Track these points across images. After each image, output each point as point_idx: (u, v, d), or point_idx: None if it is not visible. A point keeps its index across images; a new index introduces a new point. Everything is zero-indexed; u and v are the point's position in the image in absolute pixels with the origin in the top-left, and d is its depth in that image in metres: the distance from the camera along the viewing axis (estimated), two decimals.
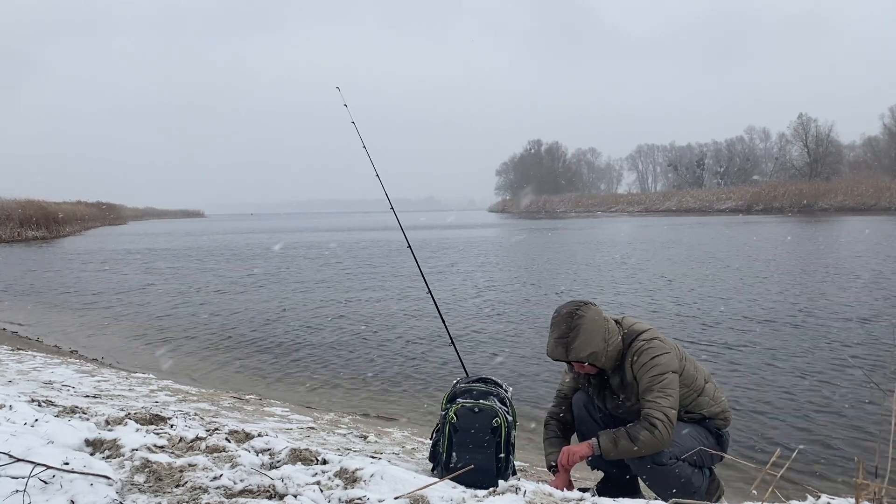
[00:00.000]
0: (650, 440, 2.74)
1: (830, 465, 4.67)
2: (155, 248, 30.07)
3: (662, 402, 2.79)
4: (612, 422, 3.05)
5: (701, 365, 3.14)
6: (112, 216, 68.13)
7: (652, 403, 2.80)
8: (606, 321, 2.92)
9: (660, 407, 2.78)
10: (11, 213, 37.08)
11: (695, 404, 3.00)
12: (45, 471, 2.25)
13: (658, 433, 2.74)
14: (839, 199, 61.25)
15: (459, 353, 3.96)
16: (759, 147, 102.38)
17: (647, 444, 2.75)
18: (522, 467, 3.80)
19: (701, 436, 2.99)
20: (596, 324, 2.87)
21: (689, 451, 2.88)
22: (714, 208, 73.26)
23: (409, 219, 71.82)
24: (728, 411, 3.09)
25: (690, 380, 2.98)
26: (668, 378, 2.84)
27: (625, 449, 2.80)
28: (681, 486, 2.86)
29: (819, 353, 7.67)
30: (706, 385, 3.05)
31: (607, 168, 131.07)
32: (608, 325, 2.92)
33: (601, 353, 2.87)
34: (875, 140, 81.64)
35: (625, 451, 2.81)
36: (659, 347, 2.90)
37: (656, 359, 2.86)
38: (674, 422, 2.79)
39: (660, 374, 2.84)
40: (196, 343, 9.29)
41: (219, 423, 3.65)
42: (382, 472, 2.58)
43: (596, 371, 3.00)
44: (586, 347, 2.84)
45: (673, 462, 2.85)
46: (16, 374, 5.74)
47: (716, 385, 3.12)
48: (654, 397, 2.80)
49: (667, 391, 2.82)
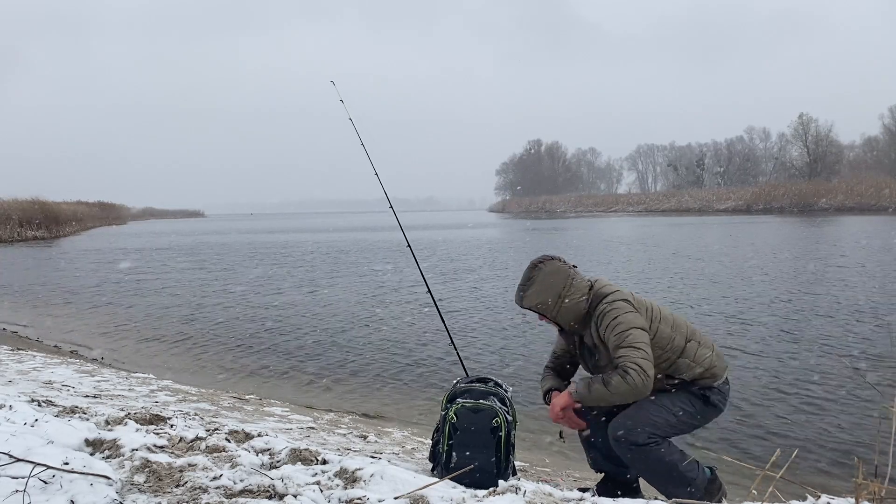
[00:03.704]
0: (622, 385, 2.75)
1: (830, 465, 4.68)
2: (155, 248, 30.06)
3: (633, 355, 2.80)
4: None
5: (685, 322, 3.10)
6: (112, 216, 68.12)
7: (622, 357, 2.81)
8: (570, 279, 2.99)
9: (631, 358, 2.79)
10: (12, 212, 37.10)
11: (674, 368, 2.97)
12: (45, 471, 2.25)
13: (630, 379, 2.74)
14: (839, 199, 61.26)
15: (459, 353, 3.97)
16: (759, 147, 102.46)
17: (619, 389, 2.76)
18: (522, 467, 3.81)
19: (684, 403, 2.95)
20: (553, 277, 2.97)
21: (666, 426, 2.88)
22: (714, 208, 73.24)
23: (409, 219, 71.90)
24: (714, 367, 3.02)
25: (666, 341, 2.95)
26: (633, 333, 2.85)
27: (598, 393, 2.81)
28: (667, 468, 2.84)
29: (819, 352, 7.67)
30: (687, 345, 2.99)
31: (607, 168, 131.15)
32: (571, 282, 2.98)
33: (551, 307, 2.96)
34: (875, 140, 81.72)
35: (599, 396, 2.82)
36: (621, 307, 2.93)
37: (618, 318, 2.89)
38: (649, 373, 2.77)
39: (623, 331, 2.85)
40: (196, 343, 9.29)
41: (219, 423, 3.65)
42: (382, 472, 2.58)
43: (558, 327, 3.07)
44: (535, 298, 2.97)
45: (653, 441, 2.84)
46: (16, 374, 5.74)
47: (701, 341, 3.05)
48: (624, 352, 2.82)
49: (635, 345, 2.82)
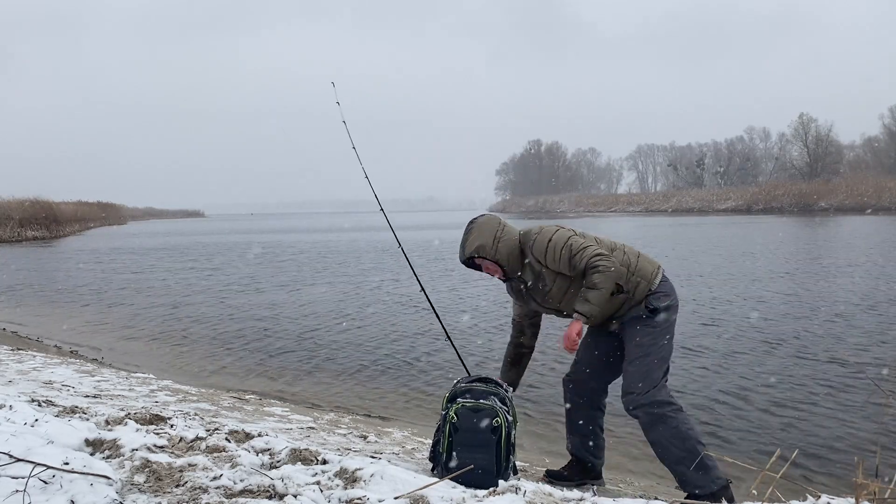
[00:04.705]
0: (603, 277, 3.06)
1: (830, 465, 4.67)
2: (156, 248, 30.07)
3: (587, 252, 3.11)
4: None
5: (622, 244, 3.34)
6: (112, 216, 68.09)
7: (581, 261, 3.11)
8: (502, 225, 3.29)
9: (588, 255, 3.10)
10: (12, 212, 37.08)
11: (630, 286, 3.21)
12: (45, 471, 2.26)
13: (604, 267, 3.06)
14: (839, 198, 61.25)
15: (459, 352, 3.97)
16: (759, 147, 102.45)
17: (604, 282, 3.06)
18: (523, 467, 3.80)
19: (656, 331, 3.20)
20: (487, 224, 3.28)
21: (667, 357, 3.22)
22: (714, 208, 73.23)
23: (409, 219, 71.68)
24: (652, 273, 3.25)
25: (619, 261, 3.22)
26: (571, 241, 3.17)
27: (597, 298, 3.07)
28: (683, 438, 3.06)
29: (819, 352, 7.66)
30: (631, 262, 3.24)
31: (607, 168, 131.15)
32: (503, 227, 3.28)
33: (490, 248, 3.21)
34: (875, 140, 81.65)
35: (597, 300, 3.08)
36: (548, 231, 3.25)
37: (551, 239, 3.20)
38: (608, 254, 3.10)
39: (562, 245, 3.16)
40: (196, 343, 9.29)
41: (219, 423, 3.65)
42: (382, 472, 2.58)
43: (501, 273, 3.30)
44: (475, 243, 3.23)
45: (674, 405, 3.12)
46: (16, 374, 5.74)
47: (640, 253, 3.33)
48: (579, 257, 3.12)
49: (582, 247, 3.13)
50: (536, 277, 3.25)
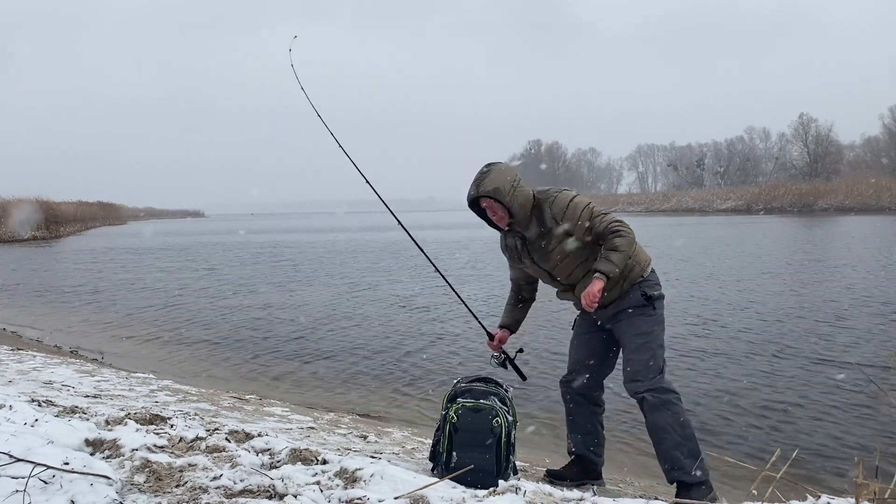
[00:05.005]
0: (625, 241, 3.13)
1: (830, 465, 4.67)
2: (156, 248, 30.07)
3: (606, 218, 3.19)
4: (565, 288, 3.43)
5: None
6: (112, 216, 68.05)
7: (598, 223, 3.18)
8: (519, 178, 3.27)
9: (606, 220, 3.17)
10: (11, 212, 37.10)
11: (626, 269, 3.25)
12: (45, 471, 2.26)
13: (625, 232, 3.14)
14: (839, 198, 61.24)
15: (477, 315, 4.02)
16: (760, 147, 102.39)
17: (625, 244, 3.12)
18: (523, 467, 3.80)
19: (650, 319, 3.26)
20: (507, 171, 3.26)
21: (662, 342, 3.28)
22: (714, 208, 73.21)
23: (408, 219, 72.05)
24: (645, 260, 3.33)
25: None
26: (592, 205, 3.24)
27: (618, 259, 3.12)
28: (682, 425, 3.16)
29: (819, 352, 7.66)
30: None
31: (607, 168, 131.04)
32: (521, 181, 3.26)
33: (507, 192, 3.18)
34: (875, 140, 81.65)
35: (619, 260, 3.12)
36: (569, 193, 3.30)
37: (573, 199, 3.25)
38: (625, 222, 3.18)
39: (583, 207, 3.22)
40: (196, 343, 9.29)
41: (219, 423, 3.65)
42: (382, 472, 2.58)
43: (507, 221, 3.28)
44: (493, 183, 3.19)
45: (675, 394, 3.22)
46: (16, 374, 5.73)
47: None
48: (597, 221, 3.19)
49: (601, 213, 3.22)
50: (541, 235, 3.26)
